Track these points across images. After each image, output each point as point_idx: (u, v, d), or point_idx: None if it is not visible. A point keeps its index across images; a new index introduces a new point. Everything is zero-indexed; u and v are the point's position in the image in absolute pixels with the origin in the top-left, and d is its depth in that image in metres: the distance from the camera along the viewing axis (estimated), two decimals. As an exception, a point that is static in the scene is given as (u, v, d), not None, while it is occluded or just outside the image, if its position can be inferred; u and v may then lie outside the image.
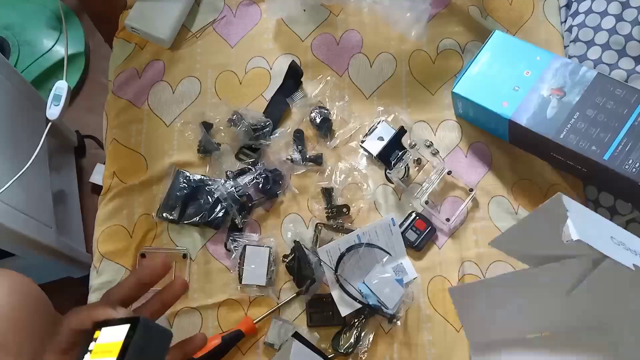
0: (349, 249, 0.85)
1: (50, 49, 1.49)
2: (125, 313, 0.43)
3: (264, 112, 0.95)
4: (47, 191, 1.18)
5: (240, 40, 1.01)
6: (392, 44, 1.00)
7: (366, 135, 0.93)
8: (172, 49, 1.02)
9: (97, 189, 1.36)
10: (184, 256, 0.89)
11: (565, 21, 0.99)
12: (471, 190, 0.90)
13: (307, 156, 0.92)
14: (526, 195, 0.91)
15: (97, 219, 0.94)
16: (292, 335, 0.80)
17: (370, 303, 0.82)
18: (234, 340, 0.83)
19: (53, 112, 0.95)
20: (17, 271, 0.85)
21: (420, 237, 0.87)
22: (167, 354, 0.44)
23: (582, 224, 0.45)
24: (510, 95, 0.83)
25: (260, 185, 0.90)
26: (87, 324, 0.43)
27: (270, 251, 0.87)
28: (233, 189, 0.88)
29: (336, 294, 0.84)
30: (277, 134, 0.93)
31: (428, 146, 0.91)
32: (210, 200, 0.90)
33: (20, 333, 0.46)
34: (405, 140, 0.91)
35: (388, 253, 0.86)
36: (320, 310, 0.85)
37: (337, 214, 0.89)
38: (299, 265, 0.85)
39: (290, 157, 0.92)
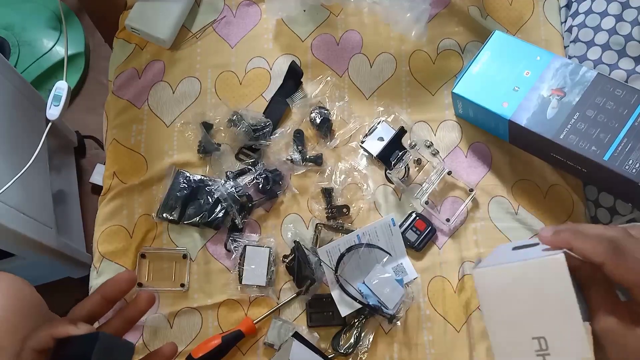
0: (349, 249, 0.85)
1: (50, 49, 1.49)
2: (87, 329, 0.43)
3: (264, 113, 0.95)
4: (47, 191, 1.18)
5: (240, 40, 1.01)
6: (392, 44, 1.00)
7: (366, 135, 0.93)
8: (172, 49, 1.02)
9: (97, 189, 1.36)
10: (184, 256, 0.89)
11: (565, 21, 0.99)
12: (471, 190, 0.90)
13: (307, 156, 0.92)
14: (526, 196, 0.91)
15: (97, 219, 0.94)
16: (292, 335, 0.80)
17: (370, 303, 0.82)
18: (233, 340, 0.83)
19: (53, 112, 0.95)
20: (17, 271, 0.85)
21: (420, 237, 0.88)
22: None
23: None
24: (510, 95, 0.83)
25: (260, 186, 0.90)
26: (47, 342, 0.42)
27: (270, 251, 0.87)
28: (233, 189, 0.88)
29: (336, 294, 0.84)
30: (277, 134, 0.93)
31: (428, 146, 0.91)
32: (210, 200, 0.90)
33: (8, 337, 0.46)
34: (405, 141, 0.91)
35: (388, 253, 0.86)
36: (320, 310, 0.85)
37: (337, 214, 0.89)
38: (299, 265, 0.85)
39: (290, 158, 0.92)
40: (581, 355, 0.39)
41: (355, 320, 0.84)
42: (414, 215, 0.89)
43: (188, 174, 0.92)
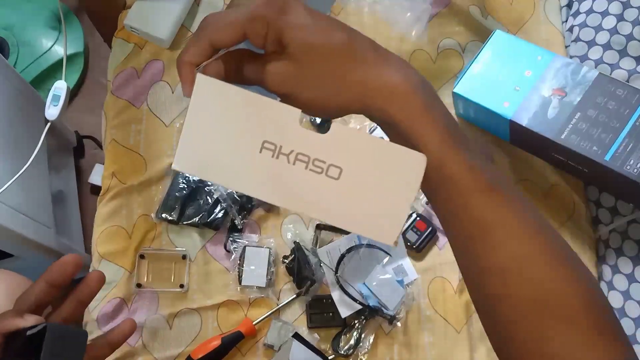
0: (349, 250, 0.85)
1: (50, 49, 1.49)
2: (34, 320, 0.41)
3: (263, 112, 0.95)
4: (46, 191, 1.18)
5: (239, 40, 1.01)
6: (392, 44, 0.99)
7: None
8: (172, 49, 1.01)
9: (96, 189, 1.35)
10: (184, 257, 0.89)
11: (566, 21, 0.99)
12: (472, 190, 0.90)
13: (307, 156, 0.92)
14: (527, 196, 0.90)
15: (96, 220, 0.93)
16: (292, 336, 0.80)
17: (371, 304, 0.81)
18: (233, 341, 0.83)
19: (52, 112, 0.95)
20: (16, 271, 0.85)
21: (420, 237, 0.87)
22: (84, 353, 0.42)
23: None
24: (511, 95, 0.82)
25: (260, 186, 0.89)
26: None
27: (270, 252, 0.87)
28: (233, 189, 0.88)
29: (336, 295, 0.83)
30: (277, 134, 0.93)
31: (428, 146, 0.90)
32: (210, 200, 0.89)
33: None
34: (406, 141, 0.91)
35: (388, 254, 0.86)
36: (320, 311, 0.85)
37: (337, 215, 0.89)
38: (299, 266, 0.84)
39: (290, 158, 0.92)
40: None
41: (356, 321, 0.83)
42: (414, 215, 0.89)
43: (187, 174, 0.92)
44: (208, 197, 0.89)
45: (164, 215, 0.90)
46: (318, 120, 0.92)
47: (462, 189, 0.37)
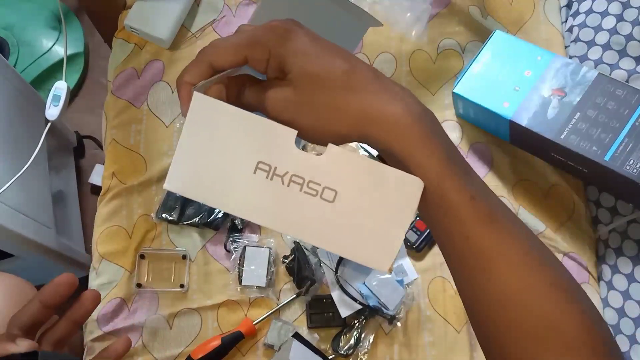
0: (349, 250, 0.85)
1: (50, 49, 1.49)
2: (26, 346, 0.41)
3: (263, 113, 0.95)
4: (47, 192, 1.18)
5: (240, 40, 1.01)
6: (392, 44, 0.99)
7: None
8: (172, 49, 1.01)
9: (96, 189, 1.36)
10: (184, 257, 0.89)
11: (565, 21, 0.99)
12: (472, 190, 0.90)
13: (307, 157, 0.92)
14: (527, 196, 0.90)
15: (96, 220, 0.93)
16: (292, 336, 0.80)
17: (371, 304, 0.81)
18: (233, 341, 0.83)
19: (52, 112, 0.95)
20: (16, 272, 0.85)
21: (420, 237, 0.87)
22: None
23: None
24: (511, 95, 0.82)
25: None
26: None
27: (270, 252, 0.87)
28: (233, 189, 0.88)
29: (336, 295, 0.83)
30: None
31: (428, 146, 0.90)
32: (210, 200, 0.89)
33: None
34: (406, 141, 0.91)
35: (388, 254, 0.86)
36: (320, 311, 0.85)
37: (337, 215, 0.89)
38: (299, 266, 0.85)
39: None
40: None
41: (356, 321, 0.83)
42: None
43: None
44: (208, 197, 0.89)
45: (164, 215, 0.90)
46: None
47: (463, 218, 0.37)
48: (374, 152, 0.90)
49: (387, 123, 0.36)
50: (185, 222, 0.89)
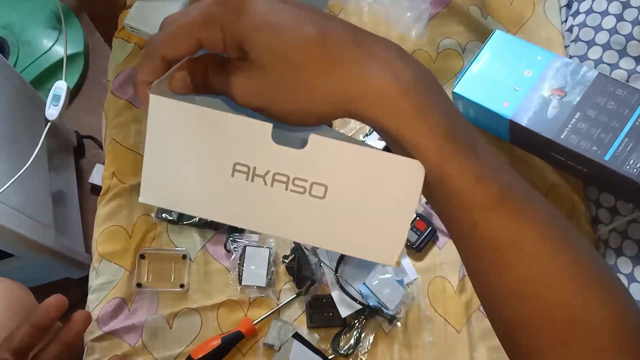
0: (349, 250, 0.85)
1: (50, 48, 1.49)
2: None
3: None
4: (47, 191, 1.18)
5: (239, 40, 1.01)
6: (392, 43, 0.99)
7: (367, 135, 0.92)
8: (172, 49, 1.01)
9: (96, 189, 1.36)
10: (184, 257, 0.89)
11: (565, 21, 0.99)
12: (471, 190, 0.90)
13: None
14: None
15: (96, 220, 0.93)
16: (292, 336, 0.80)
17: (371, 304, 0.81)
18: (233, 341, 0.83)
19: (52, 112, 0.95)
20: (16, 272, 0.85)
21: (420, 237, 0.87)
22: None
23: None
24: (511, 95, 0.82)
25: (260, 186, 0.90)
26: None
27: (270, 252, 0.87)
28: (233, 189, 0.88)
29: (336, 294, 0.83)
30: (276, 134, 0.93)
31: (428, 146, 0.90)
32: (210, 200, 0.89)
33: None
34: (406, 141, 0.91)
35: (388, 254, 0.86)
36: (320, 311, 0.85)
37: (337, 215, 0.89)
38: (299, 266, 0.85)
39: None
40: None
41: (356, 321, 0.84)
42: (414, 215, 0.89)
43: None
44: (208, 197, 0.89)
45: (164, 215, 0.90)
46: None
47: (468, 204, 0.32)
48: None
49: (373, 97, 0.30)
50: (185, 222, 0.89)
